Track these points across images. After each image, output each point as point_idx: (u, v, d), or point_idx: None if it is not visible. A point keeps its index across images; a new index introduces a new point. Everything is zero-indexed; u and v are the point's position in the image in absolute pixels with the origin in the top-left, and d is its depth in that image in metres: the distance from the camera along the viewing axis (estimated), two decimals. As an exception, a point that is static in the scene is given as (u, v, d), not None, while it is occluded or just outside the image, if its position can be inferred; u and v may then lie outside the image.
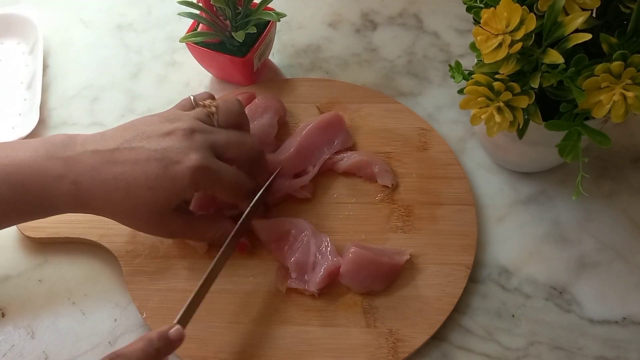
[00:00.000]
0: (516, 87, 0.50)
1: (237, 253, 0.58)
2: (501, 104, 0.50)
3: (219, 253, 0.54)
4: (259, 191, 0.58)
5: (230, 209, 0.60)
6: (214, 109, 0.56)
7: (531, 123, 0.52)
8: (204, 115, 0.55)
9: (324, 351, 0.55)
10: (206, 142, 0.53)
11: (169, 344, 0.48)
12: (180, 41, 0.65)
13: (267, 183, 0.59)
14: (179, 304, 0.52)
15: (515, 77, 0.50)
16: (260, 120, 0.65)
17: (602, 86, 0.47)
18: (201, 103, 0.57)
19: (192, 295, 0.51)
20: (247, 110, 0.65)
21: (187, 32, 0.67)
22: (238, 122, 0.58)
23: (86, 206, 0.52)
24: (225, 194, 0.55)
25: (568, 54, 0.48)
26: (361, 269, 0.56)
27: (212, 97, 0.59)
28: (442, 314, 0.56)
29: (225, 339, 0.56)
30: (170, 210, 0.53)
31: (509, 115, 0.50)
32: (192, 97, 0.58)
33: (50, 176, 0.51)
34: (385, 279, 0.57)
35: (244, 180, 0.56)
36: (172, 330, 0.49)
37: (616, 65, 0.46)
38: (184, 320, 0.50)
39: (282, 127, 0.67)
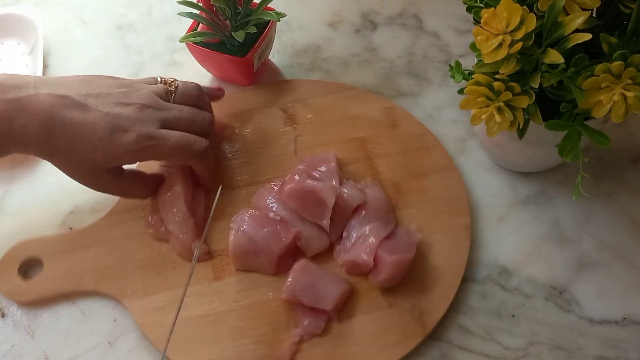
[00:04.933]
0: (516, 87, 0.50)
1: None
2: (501, 104, 0.50)
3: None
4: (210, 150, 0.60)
5: None
6: (173, 88, 0.60)
7: (531, 123, 0.52)
8: (162, 92, 0.59)
9: (356, 342, 0.55)
10: (156, 117, 0.56)
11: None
12: (180, 41, 0.65)
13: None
14: (197, 332, 0.56)
15: (515, 77, 0.50)
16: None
17: (602, 86, 0.47)
18: (163, 79, 0.60)
19: None
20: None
21: (187, 32, 0.67)
22: (194, 103, 0.61)
23: (29, 148, 0.54)
24: (172, 158, 0.58)
25: (568, 54, 0.48)
26: (399, 273, 0.57)
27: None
28: (455, 278, 0.58)
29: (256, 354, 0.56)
30: (104, 168, 0.56)
31: (509, 115, 0.50)
32: (158, 77, 0.61)
33: (2, 118, 0.52)
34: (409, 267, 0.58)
35: (191, 141, 0.58)
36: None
37: (616, 65, 0.46)
38: None
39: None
